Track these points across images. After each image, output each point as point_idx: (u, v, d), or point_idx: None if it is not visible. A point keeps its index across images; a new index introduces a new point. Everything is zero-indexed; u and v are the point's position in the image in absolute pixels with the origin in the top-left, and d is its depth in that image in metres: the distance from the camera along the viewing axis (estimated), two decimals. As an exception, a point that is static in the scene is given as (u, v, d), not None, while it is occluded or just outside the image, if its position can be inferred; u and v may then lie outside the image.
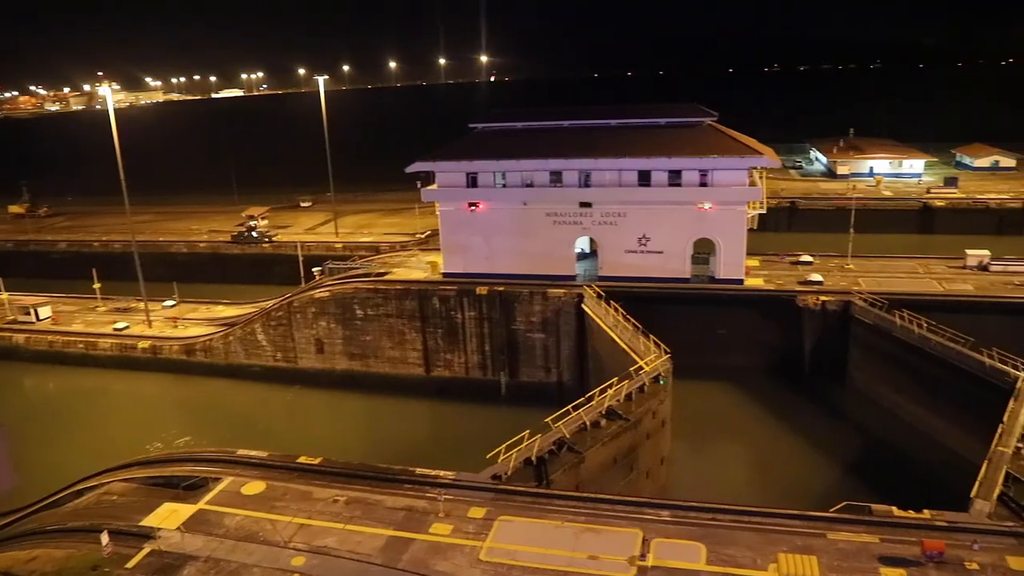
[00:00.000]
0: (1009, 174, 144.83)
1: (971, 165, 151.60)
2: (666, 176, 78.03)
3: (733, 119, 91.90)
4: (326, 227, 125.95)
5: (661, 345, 59.63)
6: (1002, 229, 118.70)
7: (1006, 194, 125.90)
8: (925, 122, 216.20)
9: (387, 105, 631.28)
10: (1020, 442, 46.39)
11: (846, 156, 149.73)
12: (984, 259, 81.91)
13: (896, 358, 67.47)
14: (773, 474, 60.41)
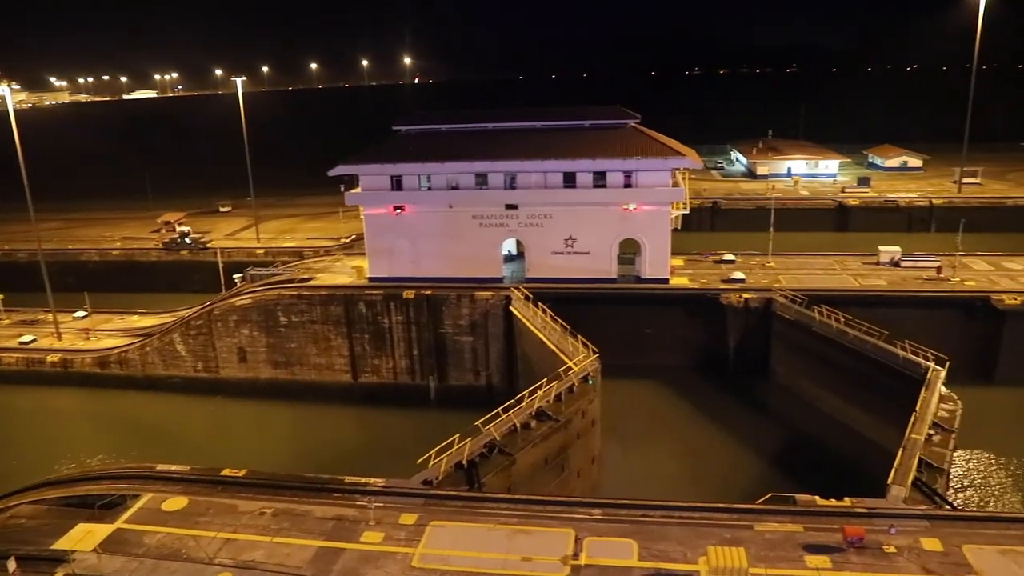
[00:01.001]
0: (916, 174, 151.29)
1: (882, 165, 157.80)
2: (591, 178, 78.69)
3: (656, 121, 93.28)
4: (247, 232, 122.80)
5: (589, 345, 59.98)
6: (912, 226, 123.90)
7: (914, 193, 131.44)
8: (838, 124, 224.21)
9: (309, 107, 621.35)
10: (931, 429, 48.33)
11: (765, 157, 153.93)
12: (896, 255, 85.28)
13: (816, 352, 69.58)
14: (701, 469, 61.41)
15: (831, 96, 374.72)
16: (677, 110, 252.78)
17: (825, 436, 65.84)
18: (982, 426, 61.18)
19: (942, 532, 37.54)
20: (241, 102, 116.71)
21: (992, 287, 76.51)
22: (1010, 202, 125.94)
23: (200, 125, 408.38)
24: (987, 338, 73.62)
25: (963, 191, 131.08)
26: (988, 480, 58.25)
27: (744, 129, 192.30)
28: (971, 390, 61.86)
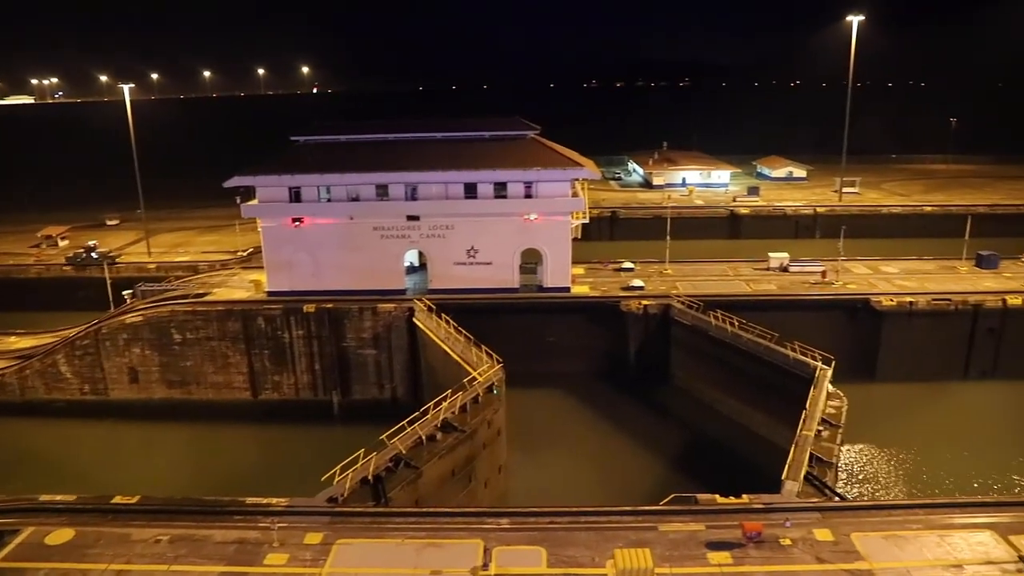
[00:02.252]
0: (801, 183, 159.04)
1: (769, 175, 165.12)
2: (492, 188, 79.26)
3: (555, 132, 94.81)
4: (137, 247, 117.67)
5: (493, 355, 60.28)
6: (798, 233, 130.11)
7: (800, 201, 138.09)
8: (728, 136, 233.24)
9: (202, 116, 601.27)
10: (820, 426, 50.89)
11: (661, 168, 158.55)
12: (784, 261, 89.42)
13: (713, 355, 72.11)
14: (607, 474, 62.53)
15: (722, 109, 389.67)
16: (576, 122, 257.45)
17: (723, 436, 68.27)
18: (865, 420, 64.93)
19: (832, 522, 39.53)
20: (129, 110, 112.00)
21: (871, 289, 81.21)
22: (885, 210, 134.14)
23: (84, 134, 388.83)
24: (868, 337, 78.06)
25: (843, 200, 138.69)
26: (872, 471, 61.64)
27: (640, 140, 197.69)
28: (855, 387, 65.55)
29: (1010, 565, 36.50)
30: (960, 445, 65.11)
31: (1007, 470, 60.57)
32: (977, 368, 78.92)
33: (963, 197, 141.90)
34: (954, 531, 39.34)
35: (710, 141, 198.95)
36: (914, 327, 77.72)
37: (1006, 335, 78.24)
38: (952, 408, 73.49)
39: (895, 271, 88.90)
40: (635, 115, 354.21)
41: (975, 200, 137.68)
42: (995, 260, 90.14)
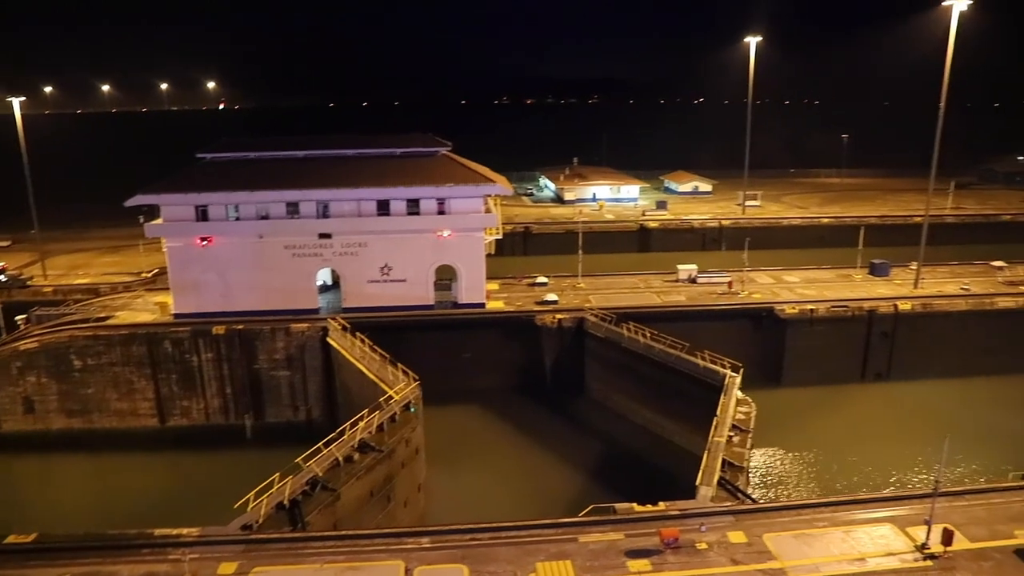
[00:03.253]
0: (707, 197, 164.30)
1: (677, 190, 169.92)
2: (405, 205, 79.02)
3: (467, 149, 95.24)
4: (32, 269, 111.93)
5: (410, 373, 59.95)
6: (705, 245, 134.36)
7: (706, 215, 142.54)
8: (637, 151, 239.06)
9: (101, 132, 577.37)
10: (731, 431, 52.56)
11: (572, 183, 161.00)
12: (692, 273, 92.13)
13: (626, 366, 73.55)
14: (526, 487, 62.77)
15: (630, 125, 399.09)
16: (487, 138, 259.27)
17: (639, 445, 69.61)
18: (773, 425, 67.26)
19: (745, 525, 40.88)
20: (19, 124, 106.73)
21: (775, 298, 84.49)
22: (786, 222, 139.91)
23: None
24: (773, 344, 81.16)
25: (747, 213, 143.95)
26: (781, 473, 63.94)
27: (551, 156, 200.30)
28: (762, 392, 68.21)
29: (908, 555, 38.59)
30: (861, 444, 68.28)
31: (904, 465, 63.82)
32: (873, 370, 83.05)
33: (856, 209, 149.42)
34: (857, 526, 41.28)
35: (619, 157, 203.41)
36: (815, 333, 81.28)
37: (898, 338, 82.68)
38: (852, 409, 77.03)
39: (796, 280, 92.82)
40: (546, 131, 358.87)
41: (867, 212, 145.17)
42: (886, 268, 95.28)
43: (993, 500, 44.93)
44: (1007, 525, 42.14)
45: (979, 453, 63.46)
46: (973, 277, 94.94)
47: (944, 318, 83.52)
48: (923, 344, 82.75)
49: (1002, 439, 67.52)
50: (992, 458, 62.56)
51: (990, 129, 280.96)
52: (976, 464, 62.49)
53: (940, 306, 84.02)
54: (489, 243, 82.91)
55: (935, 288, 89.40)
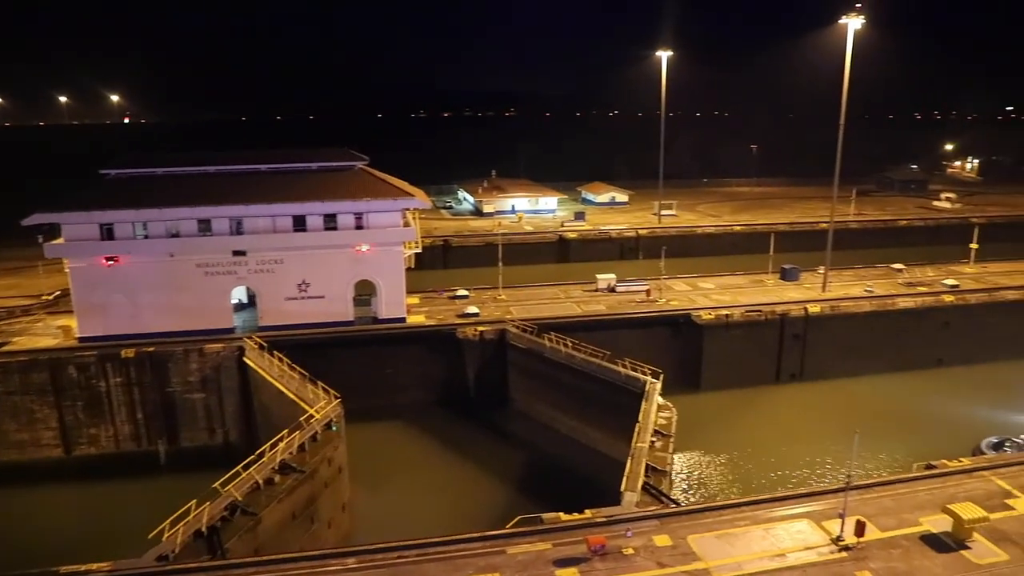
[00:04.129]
0: (624, 208, 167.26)
1: (594, 201, 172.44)
2: (322, 220, 77.75)
3: (383, 162, 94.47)
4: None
5: (330, 391, 58.89)
6: (623, 255, 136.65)
7: (623, 225, 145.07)
8: (554, 163, 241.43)
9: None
10: (653, 437, 53.42)
11: (491, 196, 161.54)
12: (611, 282, 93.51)
13: (549, 377, 73.94)
14: (453, 502, 62.27)
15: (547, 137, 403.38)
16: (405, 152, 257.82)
17: (564, 454, 69.99)
18: (694, 428, 68.76)
19: (670, 528, 41.57)
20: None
21: (692, 305, 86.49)
22: (700, 230, 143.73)
23: None
24: (691, 350, 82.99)
25: (662, 222, 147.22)
26: (704, 475, 65.28)
27: (470, 169, 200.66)
28: (683, 397, 69.67)
29: (824, 548, 39.99)
30: (778, 443, 70.40)
31: (818, 462, 66.06)
32: (787, 372, 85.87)
33: (766, 217, 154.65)
34: (776, 523, 42.49)
35: (537, 169, 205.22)
36: (731, 338, 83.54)
37: (809, 340, 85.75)
38: (768, 410, 79.41)
39: (712, 286, 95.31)
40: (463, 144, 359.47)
41: (776, 219, 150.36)
42: (796, 272, 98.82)
43: (900, 491, 47.04)
44: (913, 513, 44.21)
45: (886, 447, 66.27)
46: (876, 279, 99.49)
47: (851, 319, 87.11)
48: (832, 344, 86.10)
49: (907, 432, 70.71)
50: (898, 450, 65.37)
51: (886, 140, 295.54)
52: (884, 457, 65.18)
53: (847, 308, 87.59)
54: (408, 257, 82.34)
55: (842, 291, 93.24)
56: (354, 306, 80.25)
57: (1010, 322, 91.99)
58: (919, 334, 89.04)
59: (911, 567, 39.00)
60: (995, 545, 41.25)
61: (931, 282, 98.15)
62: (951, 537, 41.46)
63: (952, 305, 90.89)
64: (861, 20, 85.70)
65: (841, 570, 38.54)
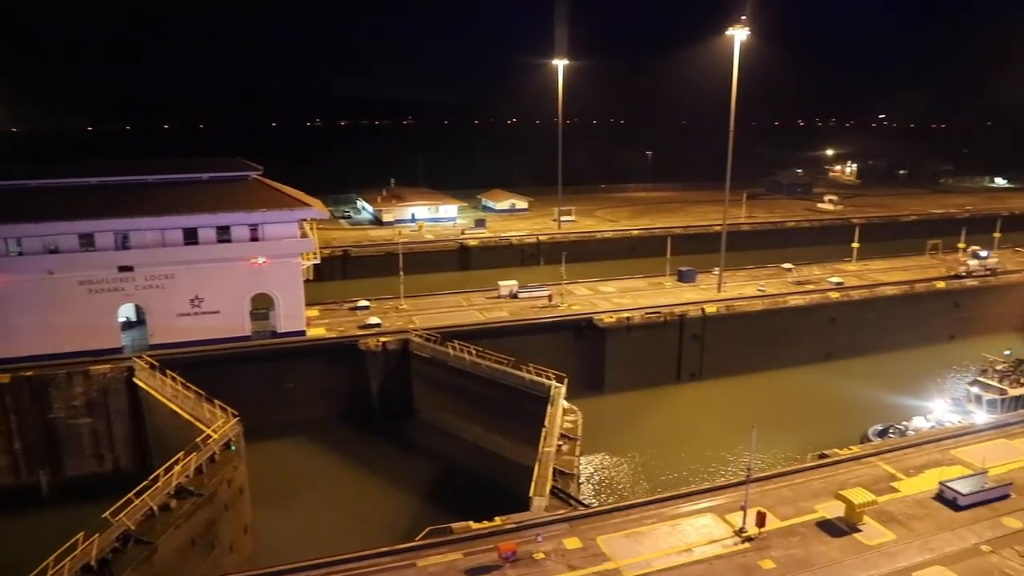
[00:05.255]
0: (524, 215, 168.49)
1: (494, 208, 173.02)
2: (214, 233, 74.93)
3: (278, 172, 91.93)
4: None
5: (228, 409, 56.69)
6: (524, 261, 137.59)
7: (524, 231, 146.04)
8: (453, 171, 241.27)
9: None
10: (560, 441, 53.74)
11: (390, 205, 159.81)
12: (513, 288, 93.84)
13: (454, 385, 73.47)
14: (361, 517, 60.93)
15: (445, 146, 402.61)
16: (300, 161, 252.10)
17: (472, 463, 69.58)
18: (600, 431, 69.60)
19: (579, 530, 41.85)
20: None
21: (593, 309, 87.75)
22: (599, 235, 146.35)
23: None
24: (594, 353, 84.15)
25: (562, 228, 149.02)
26: (611, 476, 66.15)
27: (368, 178, 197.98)
28: (587, 400, 70.53)
29: (728, 540, 41.15)
30: (682, 441, 72.13)
31: (720, 457, 68.02)
32: (687, 371, 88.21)
33: (662, 221, 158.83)
34: (682, 519, 43.44)
35: (437, 177, 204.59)
36: (632, 340, 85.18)
37: (707, 340, 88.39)
38: (671, 409, 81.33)
39: (612, 290, 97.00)
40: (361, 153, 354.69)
41: (672, 223, 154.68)
42: (693, 274, 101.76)
43: (796, 481, 48.98)
44: (808, 501, 46.11)
45: (782, 439, 68.77)
46: (767, 279, 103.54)
47: (745, 318, 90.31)
48: (729, 343, 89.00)
49: (801, 424, 73.65)
50: (794, 442, 67.90)
51: (773, 145, 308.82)
52: (781, 449, 67.61)
53: (741, 307, 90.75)
54: (307, 268, 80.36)
55: (736, 291, 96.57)
56: (251, 320, 77.63)
57: (890, 315, 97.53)
58: (809, 330, 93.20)
59: (809, 552, 40.56)
60: (883, 526, 43.47)
61: (818, 280, 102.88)
62: (844, 521, 43.41)
63: (838, 301, 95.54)
64: (746, 32, 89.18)
65: (745, 560, 39.67)
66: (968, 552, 41.33)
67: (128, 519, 42.20)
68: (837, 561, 39.99)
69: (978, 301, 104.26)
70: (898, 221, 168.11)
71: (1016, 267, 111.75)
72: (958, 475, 48.26)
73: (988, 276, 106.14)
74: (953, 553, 41.15)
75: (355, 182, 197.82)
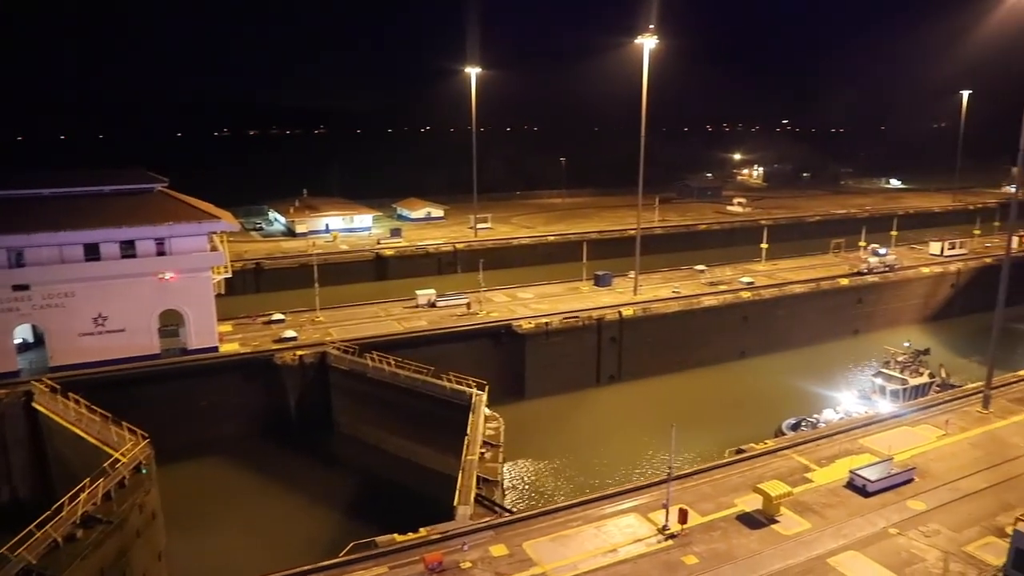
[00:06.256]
0: (440, 223, 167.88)
1: (410, 217, 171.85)
2: (118, 248, 71.88)
3: (185, 184, 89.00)
4: None
5: (138, 431, 54.27)
6: (441, 269, 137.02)
7: (440, 240, 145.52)
8: (368, 180, 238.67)
9: None
10: (483, 448, 53.63)
11: (303, 215, 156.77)
12: (431, 297, 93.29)
13: (374, 397, 72.43)
14: (281, 536, 59.16)
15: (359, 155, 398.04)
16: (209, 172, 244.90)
17: (395, 475, 68.66)
18: (522, 436, 69.74)
19: (505, 537, 41.72)
20: None
21: (512, 315, 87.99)
22: (516, 242, 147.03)
23: None
24: (514, 360, 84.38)
25: (479, 235, 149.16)
26: (535, 481, 66.25)
27: (280, 189, 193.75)
28: (509, 407, 70.66)
29: (652, 539, 41.77)
30: (604, 443, 72.84)
31: (641, 457, 69.00)
32: (606, 374, 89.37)
33: (578, 226, 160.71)
34: (607, 520, 43.85)
35: (350, 187, 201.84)
36: (551, 345, 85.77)
37: (624, 342, 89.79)
38: (592, 412, 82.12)
39: (530, 296, 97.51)
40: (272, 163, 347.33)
41: (587, 228, 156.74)
42: (609, 278, 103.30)
43: (716, 476, 50.13)
44: (728, 496, 47.23)
45: (701, 436, 70.23)
46: (681, 281, 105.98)
47: (661, 319, 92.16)
48: (646, 345, 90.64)
49: (718, 421, 75.47)
50: (712, 439, 69.43)
51: (682, 150, 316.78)
52: (700, 446, 69.04)
53: (657, 309, 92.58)
54: (218, 282, 77.96)
55: (651, 293, 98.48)
56: (160, 338, 74.78)
57: (799, 313, 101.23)
58: (723, 329, 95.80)
59: (731, 546, 41.52)
60: (799, 516, 44.92)
61: (730, 280, 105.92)
62: (762, 514, 44.62)
63: (749, 301, 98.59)
64: (655, 40, 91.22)
65: (669, 557, 40.31)
66: (878, 536, 43.11)
67: (29, 553, 39.79)
68: (757, 552, 41.07)
69: (879, 296, 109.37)
70: (804, 222, 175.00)
71: (912, 263, 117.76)
72: (866, 463, 50.30)
73: (887, 272, 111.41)
74: (864, 537, 42.85)
75: (267, 193, 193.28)
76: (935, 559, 40.79)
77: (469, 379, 65.17)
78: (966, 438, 56.84)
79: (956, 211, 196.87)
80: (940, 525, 44.23)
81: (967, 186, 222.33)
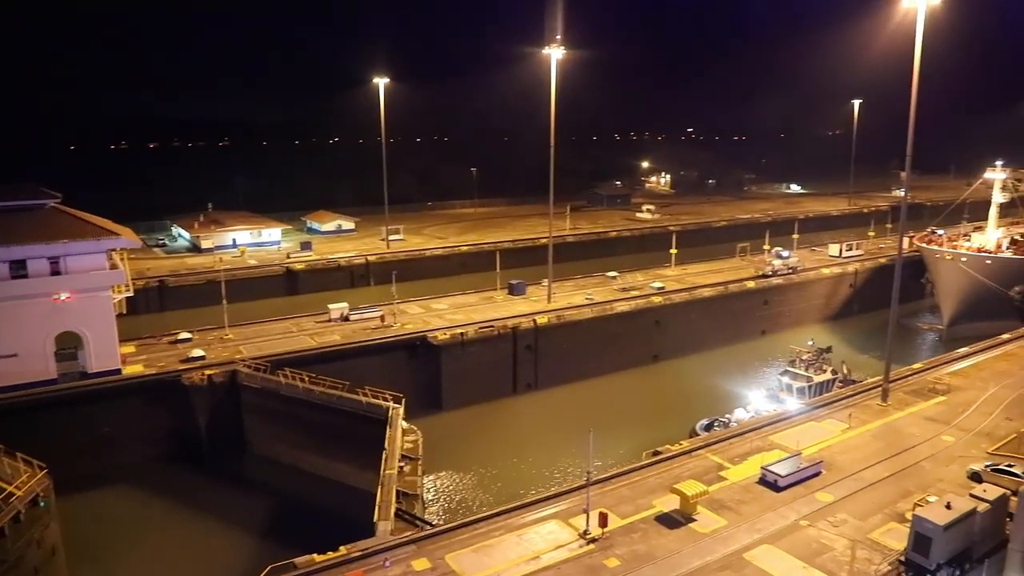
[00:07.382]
0: (351, 235, 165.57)
1: (320, 229, 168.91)
2: (7, 268, 68.06)
3: (81, 200, 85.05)
4: None
5: (34, 462, 51.38)
6: (354, 282, 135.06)
7: (352, 252, 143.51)
8: (275, 193, 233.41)
9: None
10: (401, 462, 53.06)
11: (208, 231, 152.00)
12: (344, 311, 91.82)
13: (289, 415, 70.68)
14: (193, 565, 56.97)
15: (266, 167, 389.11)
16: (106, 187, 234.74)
17: (312, 494, 67.09)
18: (441, 449, 69.24)
19: (427, 550, 41.37)
20: None
21: (427, 327, 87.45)
22: (429, 252, 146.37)
23: None
24: (430, 371, 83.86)
25: (391, 247, 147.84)
26: (456, 493, 65.87)
27: (183, 204, 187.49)
28: (426, 419, 70.19)
29: (574, 544, 42.16)
30: (524, 451, 73.06)
31: (560, 464, 69.46)
32: (523, 382, 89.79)
33: (490, 236, 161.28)
34: (529, 528, 43.99)
35: (258, 200, 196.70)
36: (468, 355, 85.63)
37: (540, 350, 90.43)
38: (511, 421, 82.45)
39: (445, 307, 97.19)
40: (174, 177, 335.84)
41: (500, 237, 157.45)
42: (523, 287, 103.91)
43: (634, 479, 50.99)
44: (646, 498, 48.11)
45: (618, 440, 71.30)
46: (594, 287, 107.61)
47: (576, 326, 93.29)
48: (562, 352, 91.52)
49: (634, 424, 76.78)
50: (629, 442, 70.59)
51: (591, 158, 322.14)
52: (618, 450, 70.01)
53: (571, 316, 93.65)
54: (119, 302, 74.74)
55: (565, 300, 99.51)
56: (57, 361, 71.01)
57: (708, 316, 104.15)
58: (636, 334, 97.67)
59: (650, 547, 42.25)
60: (715, 513, 46.09)
61: (641, 286, 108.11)
62: (680, 513, 45.63)
63: (660, 305, 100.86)
64: (562, 50, 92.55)
65: (591, 561, 40.72)
66: (790, 528, 44.68)
67: (-85, 597, 37.22)
68: (676, 551, 41.92)
69: (784, 298, 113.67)
70: (710, 227, 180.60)
71: (813, 265, 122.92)
72: (776, 459, 52.06)
73: (791, 274, 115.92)
74: (777, 531, 44.34)
75: (169, 208, 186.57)
76: (843, 547, 42.53)
77: (385, 393, 64.41)
78: (868, 430, 59.62)
79: (852, 214, 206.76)
80: (847, 515, 46.20)
81: (861, 190, 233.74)
